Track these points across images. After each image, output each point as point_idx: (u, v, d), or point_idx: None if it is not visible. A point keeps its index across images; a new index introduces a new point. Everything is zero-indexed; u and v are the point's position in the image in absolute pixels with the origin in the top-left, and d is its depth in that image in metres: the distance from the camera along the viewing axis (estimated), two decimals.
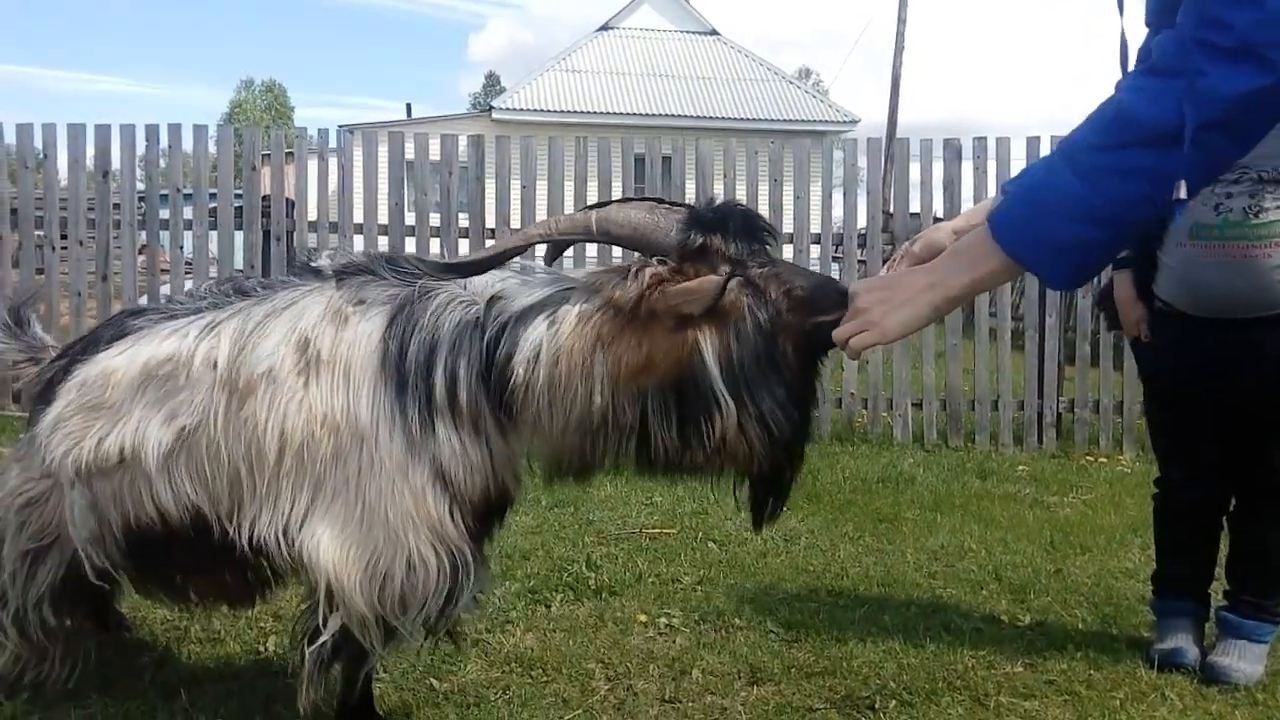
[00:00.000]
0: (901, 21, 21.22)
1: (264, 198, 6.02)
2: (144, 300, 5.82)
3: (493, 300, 1.75)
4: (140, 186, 5.99)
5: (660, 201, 1.73)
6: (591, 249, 5.48)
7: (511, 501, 1.92)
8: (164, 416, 1.84)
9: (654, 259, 1.66)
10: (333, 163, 6.03)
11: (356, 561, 1.75)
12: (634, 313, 1.63)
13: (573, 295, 1.71)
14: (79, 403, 1.91)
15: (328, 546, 1.76)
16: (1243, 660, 2.49)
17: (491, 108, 21.82)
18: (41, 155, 5.94)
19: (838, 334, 1.49)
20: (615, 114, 20.39)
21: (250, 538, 1.81)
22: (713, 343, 1.62)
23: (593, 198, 5.90)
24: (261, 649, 2.54)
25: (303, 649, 1.88)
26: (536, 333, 1.69)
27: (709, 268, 1.63)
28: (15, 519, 2.04)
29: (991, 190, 5.80)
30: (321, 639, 1.82)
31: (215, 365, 1.81)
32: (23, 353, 2.29)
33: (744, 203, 1.77)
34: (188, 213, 5.93)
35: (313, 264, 1.93)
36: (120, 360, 1.90)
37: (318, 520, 1.77)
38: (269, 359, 1.78)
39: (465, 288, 1.79)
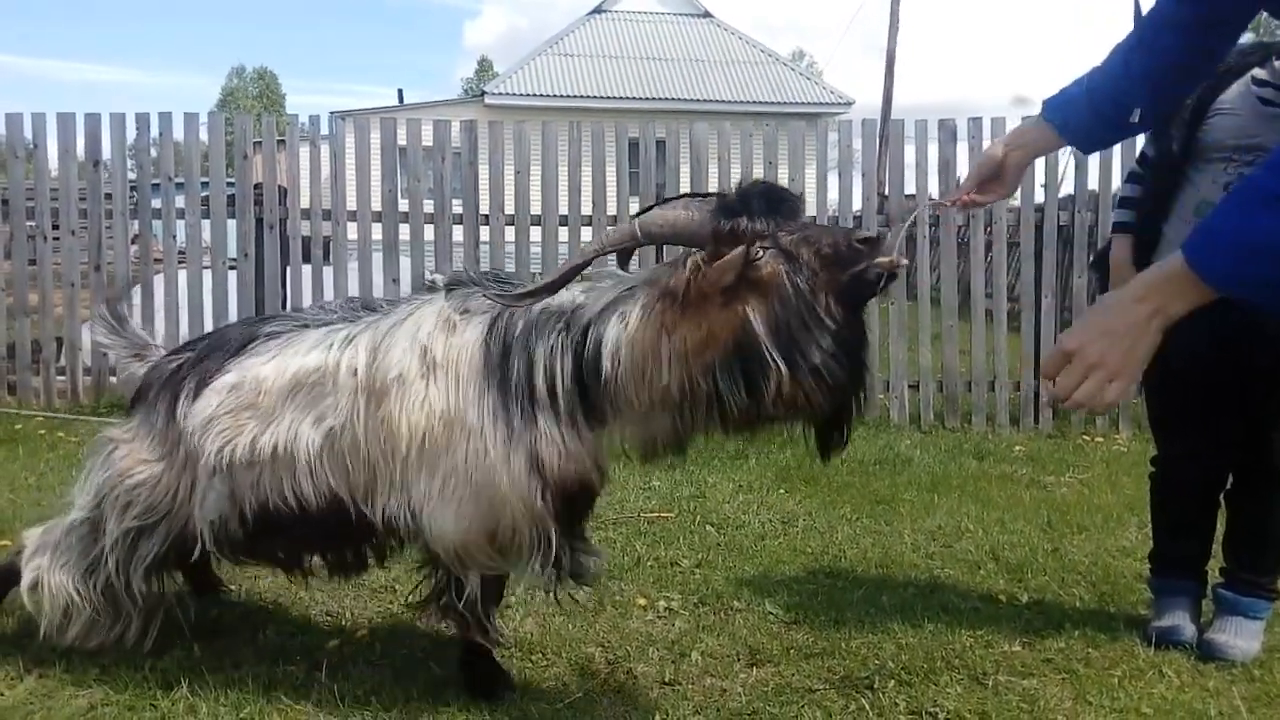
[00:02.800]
0: (896, 2, 21.14)
1: (256, 185, 5.97)
2: (138, 289, 5.80)
3: (575, 310, 2.01)
4: (132, 175, 5.95)
5: (694, 196, 1.94)
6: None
7: (597, 492, 2.12)
8: (314, 419, 2.12)
9: (696, 250, 1.86)
10: (325, 149, 5.99)
11: (470, 529, 2.04)
12: (686, 297, 1.84)
13: (635, 293, 1.95)
14: (231, 404, 2.17)
15: (449, 523, 2.05)
16: (1239, 637, 2.50)
17: (484, 93, 21.71)
18: (32, 145, 5.90)
19: (1081, 398, 1.31)
20: (608, 98, 20.29)
21: (384, 517, 2.10)
22: (759, 311, 1.80)
23: (587, 182, 5.90)
24: (261, 637, 2.54)
25: (448, 600, 2.23)
26: (614, 332, 1.93)
27: (743, 246, 1.81)
28: (123, 498, 2.25)
29: None
30: (467, 591, 2.15)
31: (356, 373, 2.09)
32: (127, 349, 2.55)
33: (764, 179, 1.95)
34: (180, 201, 5.89)
35: (428, 281, 2.23)
36: (269, 369, 2.17)
37: (440, 503, 2.04)
38: (399, 365, 2.05)
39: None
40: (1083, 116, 1.88)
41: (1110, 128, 1.90)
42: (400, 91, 22.96)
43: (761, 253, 1.80)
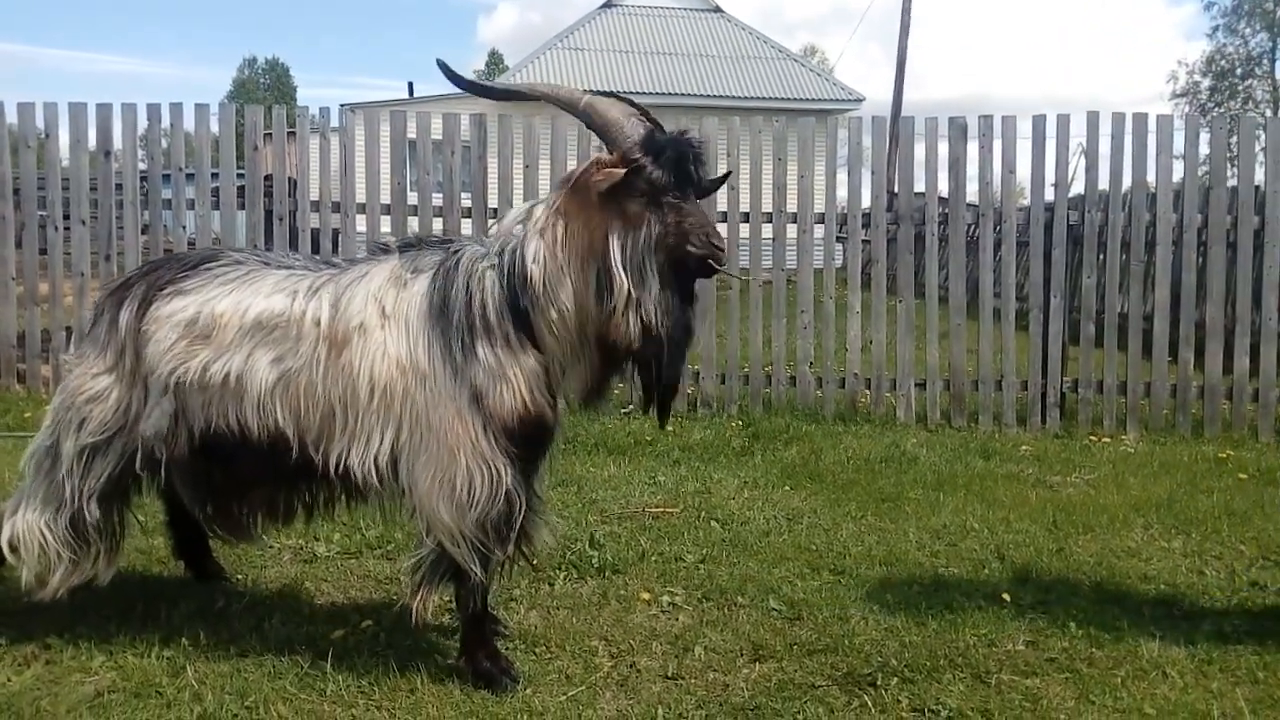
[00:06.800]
0: (907, 2, 21.05)
1: (266, 177, 5.99)
2: None
3: (498, 250, 2.22)
4: (142, 166, 5.97)
5: (643, 113, 2.17)
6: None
7: (538, 421, 2.20)
8: (272, 358, 2.24)
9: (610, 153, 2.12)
10: (335, 142, 6.00)
11: (434, 480, 2.15)
12: (577, 186, 2.13)
13: (542, 202, 2.23)
14: (189, 335, 2.28)
15: (420, 475, 2.16)
16: None
17: None
18: (44, 134, 5.92)
19: None
20: (618, 93, 20.23)
21: (337, 465, 2.20)
22: (618, 234, 2.11)
23: None
24: (266, 626, 2.55)
25: (413, 566, 2.27)
26: (535, 244, 2.17)
27: (637, 177, 2.10)
28: (76, 416, 2.35)
29: (997, 169, 5.76)
30: (422, 553, 2.22)
31: (319, 322, 2.23)
32: None
33: (697, 141, 2.17)
34: (190, 192, 5.91)
35: (381, 243, 2.44)
36: (226, 304, 2.29)
37: (413, 456, 2.16)
38: (360, 315, 2.21)
39: (483, 244, 2.28)
40: None
41: None
42: (410, 85, 22.84)
43: (640, 192, 2.09)
